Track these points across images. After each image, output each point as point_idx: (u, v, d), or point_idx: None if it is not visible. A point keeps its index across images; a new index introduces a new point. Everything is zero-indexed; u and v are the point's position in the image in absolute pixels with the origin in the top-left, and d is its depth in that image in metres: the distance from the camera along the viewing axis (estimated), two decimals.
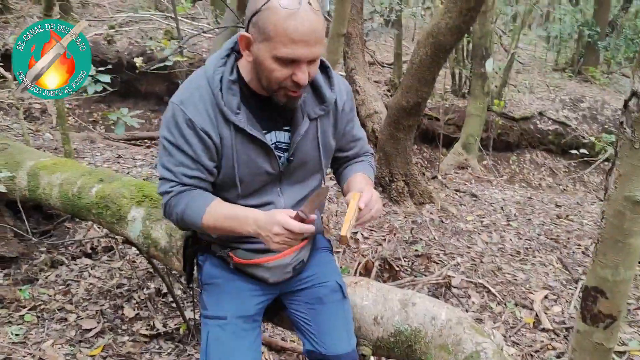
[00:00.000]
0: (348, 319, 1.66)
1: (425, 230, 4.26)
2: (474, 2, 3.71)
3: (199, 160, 1.38)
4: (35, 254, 3.29)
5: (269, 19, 1.21)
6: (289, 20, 1.20)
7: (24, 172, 2.72)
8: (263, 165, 1.43)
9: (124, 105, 9.12)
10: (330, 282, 1.65)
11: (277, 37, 1.21)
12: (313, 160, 1.51)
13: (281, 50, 1.23)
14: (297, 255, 1.62)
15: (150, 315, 2.88)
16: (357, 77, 5.64)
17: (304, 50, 1.23)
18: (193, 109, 1.35)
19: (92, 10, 10.67)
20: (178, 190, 1.41)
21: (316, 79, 1.44)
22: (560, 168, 8.80)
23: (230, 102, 1.35)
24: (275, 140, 1.45)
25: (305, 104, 1.44)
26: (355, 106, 1.87)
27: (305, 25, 1.20)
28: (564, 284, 3.62)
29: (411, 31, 14.27)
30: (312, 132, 1.47)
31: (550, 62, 12.92)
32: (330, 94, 1.46)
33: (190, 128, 1.35)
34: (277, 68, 1.26)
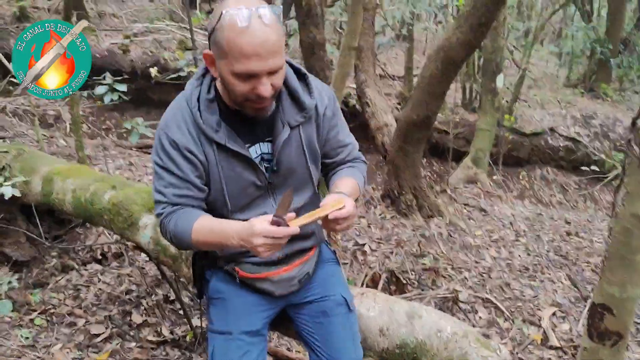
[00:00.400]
0: (354, 330, 1.66)
1: (433, 244, 4.25)
2: (485, 18, 3.73)
3: (187, 179, 1.41)
4: (46, 259, 3.33)
5: (222, 37, 1.24)
6: (240, 36, 1.22)
7: (39, 177, 2.77)
8: (250, 178, 1.45)
9: (137, 114, 9.24)
10: (336, 295, 1.66)
11: (232, 54, 1.24)
12: (301, 168, 1.51)
13: (236, 66, 1.25)
14: (302, 268, 1.63)
15: (157, 322, 2.90)
16: (367, 89, 5.67)
17: (259, 64, 1.24)
18: (176, 130, 1.39)
19: (109, 20, 10.85)
20: (169, 210, 1.44)
21: (294, 88, 1.45)
22: (570, 185, 8.74)
23: (209, 120, 1.38)
24: (260, 153, 1.47)
25: (285, 113, 1.45)
26: (365, 118, 1.89)
27: (257, 40, 1.22)
28: (572, 301, 3.60)
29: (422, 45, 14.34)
30: (295, 140, 1.47)
31: (562, 78, 12.89)
32: (310, 100, 1.47)
33: (175, 149, 1.39)
34: (237, 83, 1.28)
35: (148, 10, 11.64)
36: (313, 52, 4.86)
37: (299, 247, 1.60)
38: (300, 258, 1.63)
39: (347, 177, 1.56)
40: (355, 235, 4.23)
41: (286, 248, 1.54)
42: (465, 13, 3.82)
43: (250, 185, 1.46)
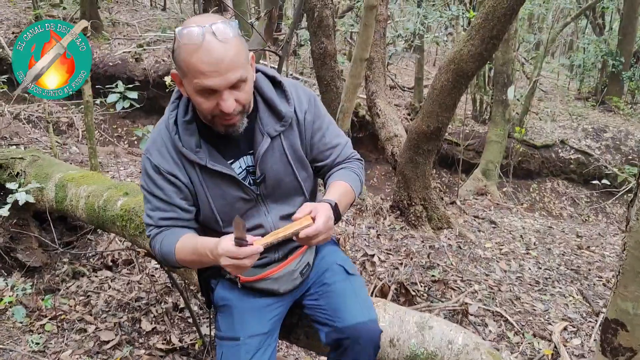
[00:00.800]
0: (359, 292, 1.61)
1: (442, 255, 4.23)
2: (497, 30, 3.75)
3: (172, 202, 1.44)
4: (57, 265, 3.36)
5: (180, 57, 1.26)
6: (194, 55, 1.22)
7: (52, 183, 2.80)
8: (236, 193, 1.46)
9: (148, 122, 9.34)
10: (332, 265, 1.66)
11: (190, 72, 1.25)
12: (288, 176, 1.50)
13: (196, 84, 1.25)
14: (301, 259, 1.63)
15: (167, 330, 2.91)
16: (377, 100, 5.69)
17: (216, 80, 1.24)
18: (158, 154, 1.42)
19: (122, 29, 11.00)
20: (155, 232, 1.48)
21: (270, 97, 1.45)
22: (582, 198, 8.68)
23: (188, 142, 1.39)
24: (244, 167, 1.48)
25: (263, 124, 1.44)
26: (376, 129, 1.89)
27: (212, 56, 1.22)
28: (584, 316, 3.56)
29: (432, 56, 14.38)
30: (278, 149, 1.47)
31: (573, 91, 12.86)
32: (287, 108, 1.46)
33: (158, 173, 1.42)
34: (201, 100, 1.29)
35: (160, 19, 11.79)
36: (324, 63, 4.90)
37: (294, 245, 1.60)
38: (298, 250, 1.62)
39: (338, 182, 1.53)
40: (364, 246, 4.22)
41: (281, 249, 1.56)
42: (476, 25, 3.83)
43: (237, 200, 1.47)
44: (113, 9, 12.18)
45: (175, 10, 12.98)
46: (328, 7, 4.63)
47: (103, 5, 11.69)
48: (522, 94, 9.15)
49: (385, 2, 5.54)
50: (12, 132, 5.85)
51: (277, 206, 1.53)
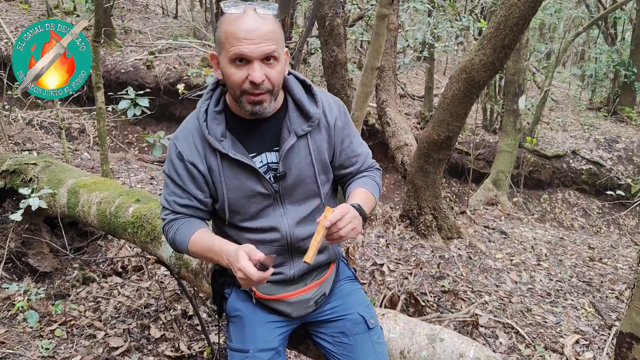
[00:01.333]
0: (378, 350, 1.62)
1: (452, 265, 4.20)
2: (509, 40, 3.74)
3: (187, 190, 1.49)
4: (68, 270, 3.38)
5: (222, 29, 1.36)
6: (233, 22, 1.33)
7: (65, 189, 2.82)
8: (254, 187, 1.47)
9: (159, 128, 9.40)
10: (353, 314, 1.63)
11: (227, 40, 1.33)
12: (309, 178, 1.52)
13: (230, 51, 1.33)
14: (319, 289, 1.63)
15: (175, 337, 2.90)
16: (388, 109, 5.69)
17: (250, 47, 1.31)
18: (183, 142, 1.48)
19: (134, 37, 11.11)
20: (170, 218, 1.53)
21: (299, 98, 1.50)
22: (593, 209, 8.59)
23: (214, 130, 1.44)
24: (266, 162, 1.50)
25: (292, 123, 1.49)
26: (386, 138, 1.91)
27: (248, 25, 1.31)
28: (596, 329, 3.50)
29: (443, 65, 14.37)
30: (303, 148, 1.50)
31: (585, 101, 12.78)
32: (315, 109, 1.50)
33: (180, 160, 1.47)
34: (234, 71, 1.35)
35: (172, 27, 11.89)
36: (335, 71, 4.91)
37: (311, 271, 1.61)
38: (317, 279, 1.63)
39: (360, 188, 1.58)
40: (373, 255, 4.20)
41: (296, 267, 1.56)
42: (488, 34, 3.82)
43: (255, 195, 1.48)
44: (126, 17, 12.32)
45: (187, 18, 13.09)
46: (339, 15, 4.64)
47: (116, 12, 11.83)
48: (533, 103, 9.11)
49: (396, 11, 5.56)
50: (25, 138, 5.92)
51: (293, 208, 1.53)
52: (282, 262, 1.56)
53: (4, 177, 3.20)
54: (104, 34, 9.96)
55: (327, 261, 1.66)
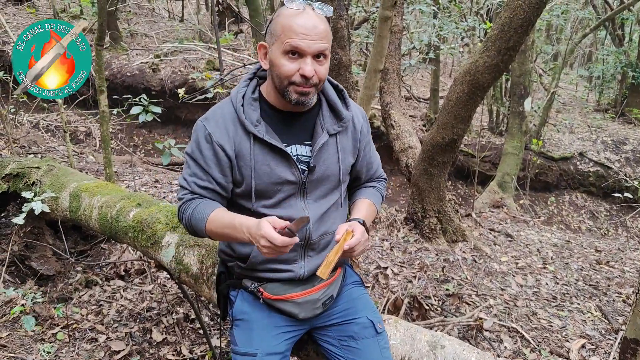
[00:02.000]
0: (385, 354, 1.62)
1: (457, 269, 4.17)
2: (513, 42, 3.71)
3: (209, 172, 1.51)
4: (71, 273, 3.38)
5: (278, 22, 1.41)
6: (293, 17, 1.39)
7: (67, 193, 2.82)
8: (283, 174, 1.50)
9: (164, 131, 9.43)
10: (361, 318, 1.63)
11: (284, 33, 1.39)
12: (334, 175, 1.58)
13: (286, 43, 1.38)
14: (327, 290, 1.62)
15: (177, 341, 2.89)
16: (392, 111, 5.66)
17: (306, 42, 1.38)
18: (214, 124, 1.50)
19: (140, 40, 11.16)
20: (189, 197, 1.54)
21: (333, 100, 1.57)
22: (601, 211, 8.51)
23: (250, 115, 1.49)
24: (296, 153, 1.53)
25: (324, 121, 1.56)
26: (390, 140, 1.96)
27: (307, 21, 1.38)
28: (602, 333, 3.46)
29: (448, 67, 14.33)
30: (332, 147, 1.57)
31: (592, 103, 12.69)
32: (347, 112, 1.58)
33: (208, 142, 1.49)
34: (286, 63, 1.40)
35: (178, 31, 11.94)
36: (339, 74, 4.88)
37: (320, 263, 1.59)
38: (325, 280, 1.61)
39: (366, 200, 1.67)
40: (377, 258, 4.18)
41: (307, 266, 1.57)
42: (492, 36, 3.80)
43: (283, 181, 1.50)
44: (132, 20, 12.38)
45: (192, 21, 13.13)
46: (343, 18, 4.62)
47: (122, 16, 11.89)
48: (539, 105, 9.05)
49: (400, 14, 5.54)
50: (31, 141, 5.95)
51: (315, 204, 1.57)
52: (294, 259, 1.57)
53: (7, 181, 3.21)
54: (110, 38, 10.02)
55: (338, 264, 1.66)
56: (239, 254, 1.60)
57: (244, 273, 1.61)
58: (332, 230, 1.60)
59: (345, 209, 1.69)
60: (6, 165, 3.29)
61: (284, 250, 1.33)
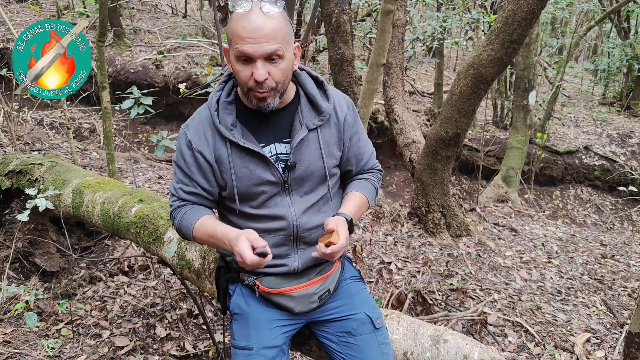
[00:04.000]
0: (384, 350, 1.60)
1: (461, 263, 4.16)
2: (517, 35, 3.68)
3: (193, 178, 1.53)
4: (75, 269, 3.39)
5: (229, 26, 1.39)
6: (239, 21, 1.35)
7: (70, 189, 2.82)
8: (263, 175, 1.49)
9: (168, 127, 9.44)
10: (359, 313, 1.62)
11: (233, 38, 1.37)
12: (318, 170, 1.55)
13: (235, 49, 1.36)
14: (323, 284, 1.62)
15: (181, 336, 2.90)
16: (395, 106, 5.64)
17: (253, 46, 1.33)
18: (193, 130, 1.51)
19: (144, 36, 11.15)
20: (177, 204, 1.58)
21: (312, 93, 1.54)
22: (606, 205, 8.47)
23: (225, 119, 1.48)
24: (275, 152, 1.52)
25: (303, 116, 1.52)
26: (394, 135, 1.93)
27: (252, 24, 1.33)
28: (608, 327, 3.44)
29: (452, 61, 14.26)
30: (313, 142, 1.53)
31: (597, 96, 12.60)
32: (327, 105, 1.55)
33: (189, 148, 1.51)
34: (240, 69, 1.38)
35: (181, 27, 11.91)
36: (341, 68, 4.87)
37: (316, 264, 1.60)
38: (321, 274, 1.62)
39: (357, 193, 1.65)
40: (381, 253, 4.17)
41: (300, 259, 1.58)
42: (496, 29, 3.77)
43: (264, 183, 1.50)
44: (135, 17, 12.37)
45: (196, 17, 13.11)
46: (346, 12, 4.60)
47: (125, 13, 11.88)
48: (544, 99, 8.99)
49: (402, 7, 5.50)
50: (35, 138, 5.96)
51: (300, 199, 1.56)
52: (286, 253, 1.57)
53: (10, 178, 3.21)
54: (114, 34, 10.02)
55: (341, 259, 1.68)
56: None
57: (241, 267, 1.61)
58: (323, 223, 1.58)
59: (336, 201, 1.67)
60: (9, 162, 3.30)
61: (259, 265, 1.36)
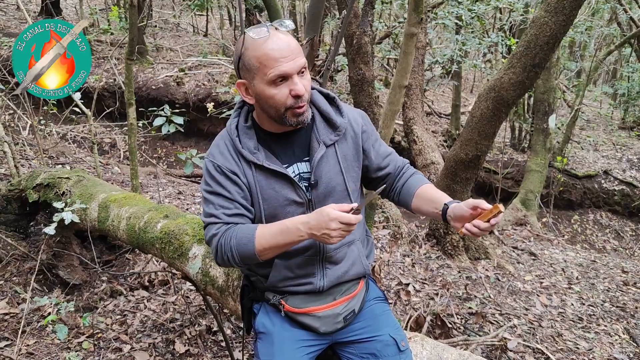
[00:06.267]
0: None
1: (480, 287, 4.12)
2: (539, 59, 3.69)
3: (235, 199, 1.50)
4: (96, 283, 3.43)
5: (250, 56, 1.39)
6: (265, 45, 1.36)
7: (96, 204, 2.87)
8: (289, 196, 1.50)
9: (187, 144, 9.56)
10: (384, 335, 1.62)
11: (263, 64, 1.36)
12: (339, 186, 1.56)
13: (271, 73, 1.36)
14: (348, 304, 1.62)
15: (199, 353, 2.91)
16: (415, 127, 5.67)
17: (289, 64, 1.36)
18: (220, 156, 1.51)
19: (165, 54, 11.38)
20: (224, 229, 1.49)
21: (325, 110, 1.56)
22: (627, 231, 8.33)
23: (247, 144, 1.50)
24: (298, 172, 1.54)
25: (319, 133, 1.54)
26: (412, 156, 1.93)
27: (280, 44, 1.36)
28: (631, 357, 3.37)
29: (470, 83, 14.28)
30: (332, 157, 1.54)
31: (617, 120, 12.49)
32: (341, 120, 1.56)
33: (220, 173, 1.50)
34: (275, 92, 1.39)
35: (202, 45, 12.14)
36: (362, 89, 4.92)
37: (341, 276, 1.60)
38: (346, 294, 1.62)
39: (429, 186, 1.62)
40: (399, 274, 4.15)
41: (326, 278, 1.57)
42: (518, 53, 3.78)
43: (290, 203, 1.51)
44: (158, 35, 12.64)
45: (216, 36, 13.35)
46: (367, 34, 4.67)
47: (149, 31, 12.14)
48: (563, 122, 8.95)
49: (424, 29, 5.56)
50: (59, 152, 6.08)
51: None
52: (312, 272, 1.57)
53: (38, 191, 3.28)
54: (137, 52, 10.24)
55: (358, 276, 1.66)
56: (260, 274, 1.62)
57: (266, 287, 1.62)
58: (348, 240, 1.60)
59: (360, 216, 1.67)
60: (37, 176, 3.37)
61: (353, 228, 1.36)
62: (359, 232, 1.66)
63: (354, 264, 1.63)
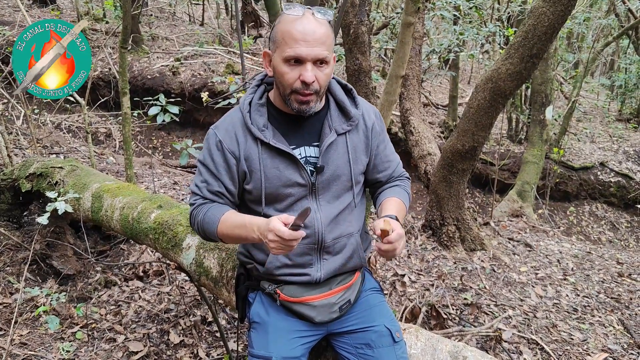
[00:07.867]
0: None
1: (475, 278, 4.12)
2: (537, 49, 3.66)
3: (220, 178, 1.54)
4: (90, 273, 3.41)
5: (279, 28, 1.42)
6: (292, 23, 1.39)
7: (89, 193, 2.85)
8: (292, 176, 1.51)
9: (183, 134, 9.51)
10: (378, 325, 1.61)
11: (284, 40, 1.39)
12: (345, 175, 1.57)
13: (286, 51, 1.39)
14: (344, 295, 1.61)
15: (194, 343, 2.90)
16: (412, 117, 5.63)
17: (305, 49, 1.37)
18: (224, 131, 1.54)
19: (161, 43, 11.28)
20: (200, 202, 1.57)
21: (341, 99, 1.58)
22: (622, 223, 8.36)
23: (257, 120, 1.51)
24: (304, 155, 1.54)
25: (333, 121, 1.56)
26: (409, 147, 1.94)
27: (305, 27, 1.38)
28: (625, 347, 3.39)
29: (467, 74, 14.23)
30: (341, 146, 1.56)
31: (614, 112, 12.49)
32: (355, 111, 1.58)
33: (219, 149, 1.53)
34: (287, 70, 1.41)
35: (198, 34, 12.03)
36: (358, 79, 4.88)
37: (338, 268, 1.60)
38: (342, 284, 1.62)
39: (394, 198, 1.62)
40: (394, 265, 4.15)
41: (323, 270, 1.57)
42: (515, 43, 3.76)
43: (292, 185, 1.51)
44: (153, 24, 12.52)
45: (213, 25, 13.24)
46: (364, 24, 4.62)
47: (144, 20, 12.03)
48: (560, 114, 8.94)
49: (421, 20, 5.51)
50: (53, 142, 6.03)
51: (327, 205, 1.56)
52: (309, 263, 1.57)
53: (31, 180, 3.25)
54: (132, 41, 10.14)
55: (354, 267, 1.66)
56: (257, 260, 1.61)
57: (262, 275, 1.61)
58: (347, 232, 1.60)
59: (360, 210, 1.68)
60: (30, 165, 3.34)
61: (292, 244, 1.31)
62: (358, 225, 1.65)
63: (352, 257, 1.63)
